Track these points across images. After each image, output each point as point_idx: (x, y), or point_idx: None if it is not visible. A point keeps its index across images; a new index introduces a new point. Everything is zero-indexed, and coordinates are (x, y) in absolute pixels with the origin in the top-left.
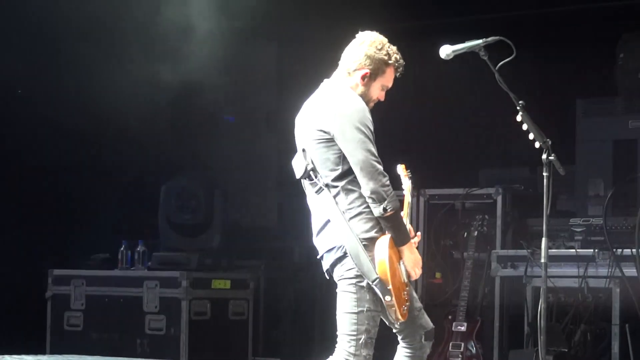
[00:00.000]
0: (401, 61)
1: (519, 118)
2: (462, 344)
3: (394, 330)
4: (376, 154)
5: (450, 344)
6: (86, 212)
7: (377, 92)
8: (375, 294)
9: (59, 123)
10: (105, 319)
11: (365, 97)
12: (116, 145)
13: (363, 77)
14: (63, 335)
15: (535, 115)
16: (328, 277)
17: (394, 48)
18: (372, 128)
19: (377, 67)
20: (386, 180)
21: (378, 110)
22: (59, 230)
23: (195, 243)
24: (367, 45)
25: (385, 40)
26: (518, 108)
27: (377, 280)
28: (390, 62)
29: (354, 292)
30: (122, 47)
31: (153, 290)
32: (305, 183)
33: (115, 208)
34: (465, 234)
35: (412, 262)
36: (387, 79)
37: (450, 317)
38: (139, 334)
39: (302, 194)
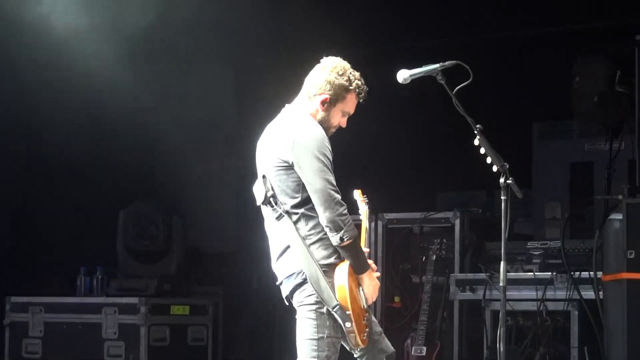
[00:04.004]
0: (363, 87)
1: (476, 142)
2: None
3: (355, 356)
4: (334, 183)
5: None
6: (44, 238)
7: (338, 118)
8: (335, 320)
9: (16, 149)
10: (64, 345)
11: (325, 122)
12: (74, 170)
13: (323, 103)
14: None
15: (492, 139)
16: (287, 304)
17: (357, 74)
18: (330, 157)
19: (337, 93)
20: (343, 210)
21: (337, 135)
22: (17, 257)
23: (154, 269)
24: (328, 71)
25: (347, 66)
26: (475, 132)
27: (337, 306)
28: (350, 87)
29: (314, 319)
30: (81, 69)
31: (112, 317)
32: (265, 209)
33: (73, 234)
34: (424, 257)
35: (372, 289)
36: (348, 105)
37: (409, 341)
38: None
39: (261, 220)
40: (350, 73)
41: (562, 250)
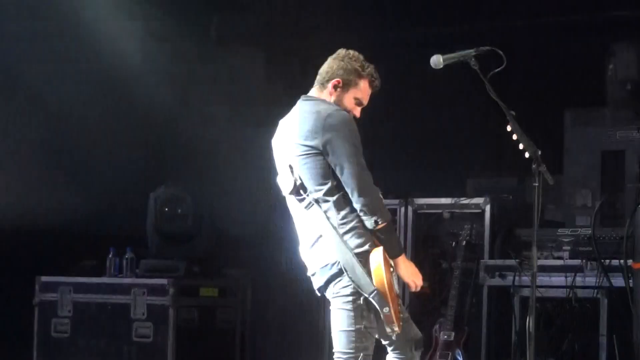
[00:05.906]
0: (377, 77)
1: (509, 128)
2: (450, 353)
3: (383, 342)
4: (365, 166)
5: (438, 353)
6: (74, 219)
7: (351, 104)
8: (370, 310)
9: (46, 129)
10: (93, 325)
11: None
12: (104, 152)
13: (335, 86)
14: (50, 342)
15: (524, 125)
16: (319, 295)
17: (371, 65)
18: (359, 140)
19: (349, 77)
20: (377, 193)
21: (365, 119)
22: (47, 237)
23: (183, 251)
24: (340, 57)
25: (361, 56)
26: (508, 118)
27: (375, 292)
28: (363, 73)
29: (350, 310)
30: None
31: (141, 298)
32: (292, 199)
33: (103, 215)
34: (453, 243)
35: (408, 273)
36: (361, 92)
37: (438, 326)
38: (126, 341)
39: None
40: (364, 61)
41: (593, 238)
